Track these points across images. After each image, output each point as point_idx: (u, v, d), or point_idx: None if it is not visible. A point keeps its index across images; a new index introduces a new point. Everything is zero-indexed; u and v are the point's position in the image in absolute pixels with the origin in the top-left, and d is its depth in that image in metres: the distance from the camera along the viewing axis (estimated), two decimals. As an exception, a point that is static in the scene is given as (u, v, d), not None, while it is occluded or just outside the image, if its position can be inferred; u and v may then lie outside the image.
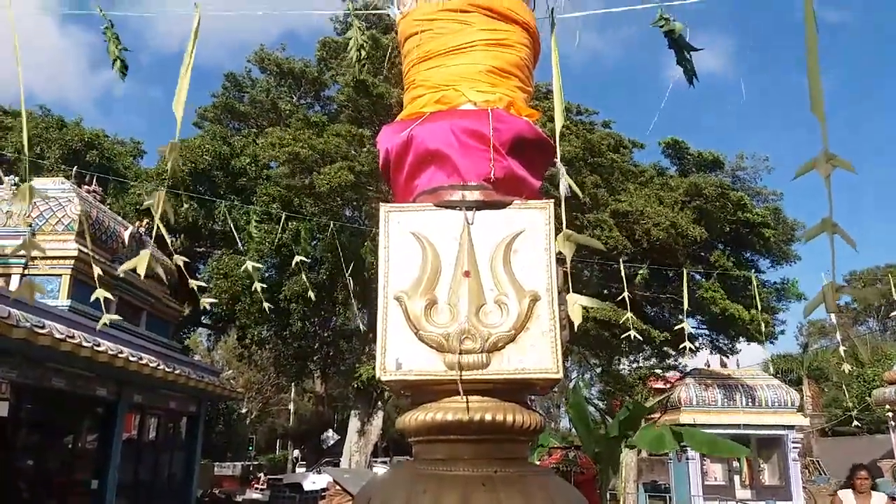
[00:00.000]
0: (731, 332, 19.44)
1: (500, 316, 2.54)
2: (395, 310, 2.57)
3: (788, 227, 20.20)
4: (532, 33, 2.96)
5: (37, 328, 8.73)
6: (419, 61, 2.92)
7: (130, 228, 12.81)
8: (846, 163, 2.66)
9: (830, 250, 2.69)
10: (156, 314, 14.04)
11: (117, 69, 4.09)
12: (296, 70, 21.15)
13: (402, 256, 2.66)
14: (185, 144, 18.28)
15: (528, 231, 2.68)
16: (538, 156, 2.92)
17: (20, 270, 10.94)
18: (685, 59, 3.08)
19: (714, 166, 19.91)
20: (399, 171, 2.90)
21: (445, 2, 2.88)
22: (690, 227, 16.77)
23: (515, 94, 2.88)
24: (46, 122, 19.15)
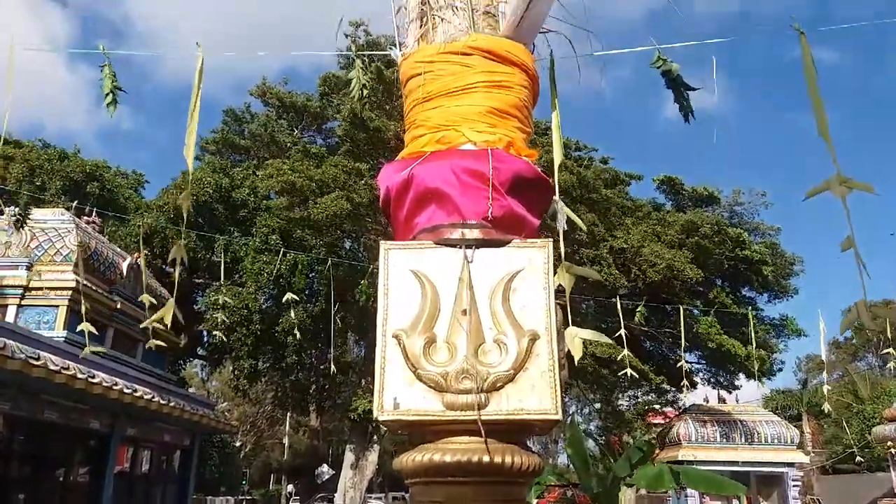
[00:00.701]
0: (729, 368, 19.37)
1: (499, 355, 2.54)
2: (393, 348, 2.57)
3: (787, 262, 20.25)
4: (531, 75, 3.01)
5: (32, 359, 8.68)
6: (420, 102, 2.96)
7: (128, 259, 12.82)
8: (864, 185, 2.66)
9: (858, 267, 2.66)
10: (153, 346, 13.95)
11: (108, 104, 4.14)
12: (298, 104, 21.38)
13: (402, 294, 2.67)
14: (186, 176, 18.37)
15: (528, 270, 2.69)
16: (537, 195, 2.95)
17: (17, 301, 10.92)
18: (683, 98, 3.13)
19: (709, 201, 20.03)
20: (399, 208, 2.92)
21: (446, 44, 2.93)
22: (688, 268, 16.82)
23: (515, 134, 2.92)
24: (48, 154, 19.25)
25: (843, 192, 2.17)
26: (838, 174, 2.19)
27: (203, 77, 3.66)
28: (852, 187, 2.19)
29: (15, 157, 18.84)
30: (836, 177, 2.20)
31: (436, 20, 3.02)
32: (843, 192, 2.17)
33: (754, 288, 19.74)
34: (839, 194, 2.19)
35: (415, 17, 3.11)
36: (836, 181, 2.19)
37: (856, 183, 2.21)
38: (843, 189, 2.15)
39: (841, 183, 2.17)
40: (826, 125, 2.43)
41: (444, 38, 2.97)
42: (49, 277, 11.03)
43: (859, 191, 2.26)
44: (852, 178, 2.21)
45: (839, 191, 2.17)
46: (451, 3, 2.97)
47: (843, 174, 2.20)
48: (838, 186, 2.17)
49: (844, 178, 2.17)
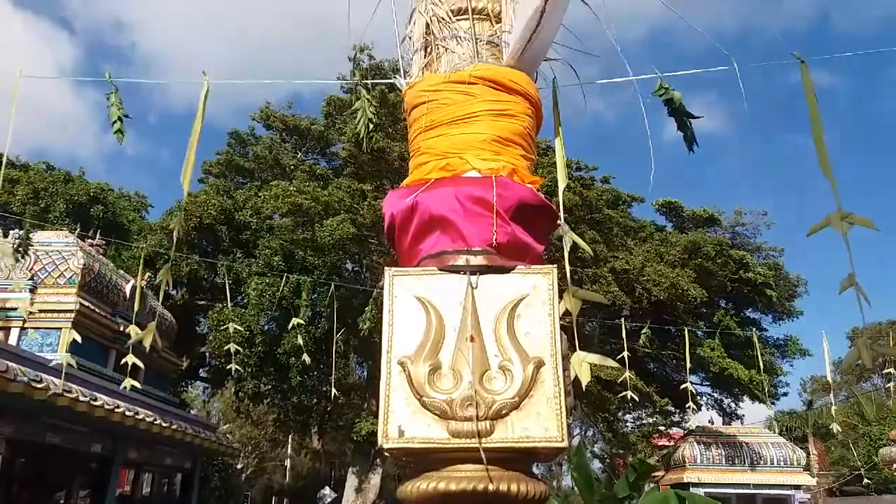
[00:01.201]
0: (733, 391, 19.27)
1: (504, 382, 2.54)
2: (397, 375, 2.57)
3: (790, 284, 20.21)
4: (534, 103, 3.05)
5: (34, 382, 8.67)
6: (425, 130, 3.00)
7: (132, 282, 12.85)
8: (865, 219, 2.68)
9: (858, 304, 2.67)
10: (154, 368, 13.94)
11: (115, 131, 4.18)
12: (301, 127, 21.50)
13: (406, 320, 2.68)
14: (190, 199, 18.46)
15: (532, 296, 2.70)
16: (541, 221, 2.97)
17: (20, 324, 10.93)
18: (685, 126, 3.15)
19: (710, 223, 20.04)
20: (404, 235, 2.94)
21: (450, 74, 2.97)
22: (691, 288, 16.80)
23: (519, 161, 2.95)
24: (53, 177, 19.37)
25: (845, 228, 2.18)
26: (839, 209, 2.20)
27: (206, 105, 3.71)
28: (853, 222, 2.20)
29: (20, 181, 18.96)
30: (836, 213, 2.21)
31: (440, 50, 3.06)
32: (845, 228, 2.18)
33: (758, 309, 19.69)
34: (840, 230, 2.20)
35: (419, 46, 3.16)
36: (837, 217, 2.20)
37: (856, 218, 2.22)
38: (844, 225, 2.16)
39: (842, 218, 2.18)
40: (827, 159, 2.45)
41: (449, 68, 3.01)
42: (52, 300, 11.04)
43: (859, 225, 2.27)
44: (852, 214, 2.23)
45: (840, 226, 2.19)
46: (455, 34, 3.01)
47: (844, 209, 2.21)
48: (839, 222, 2.19)
49: (845, 213, 2.19)
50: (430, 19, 3.08)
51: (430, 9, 3.07)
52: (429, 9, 3.08)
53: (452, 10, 3.04)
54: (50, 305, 10.98)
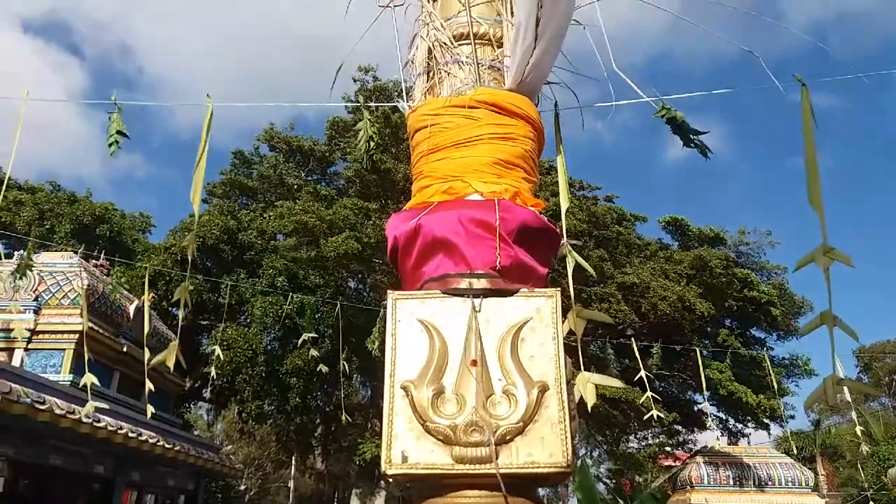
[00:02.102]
0: (738, 413, 19.14)
1: (508, 407, 2.52)
2: (401, 400, 2.56)
3: (795, 304, 20.12)
4: (536, 126, 3.05)
5: (37, 404, 8.64)
6: (427, 153, 3.00)
7: (135, 302, 12.85)
8: (845, 256, 2.69)
9: (830, 345, 2.69)
10: (157, 388, 13.89)
11: (109, 144, 4.22)
12: (304, 147, 21.60)
13: (410, 344, 2.67)
14: (194, 219, 18.51)
15: (536, 319, 2.69)
16: (544, 244, 2.96)
17: (24, 345, 10.92)
18: (693, 141, 3.15)
19: (716, 242, 20.00)
20: (407, 258, 2.94)
21: (452, 98, 2.98)
22: (698, 302, 16.74)
23: (521, 184, 2.95)
24: (58, 198, 19.45)
25: (826, 263, 2.19)
26: (824, 244, 2.21)
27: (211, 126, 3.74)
28: (834, 258, 2.21)
29: (25, 202, 19.04)
30: (821, 247, 2.22)
31: (442, 74, 3.08)
32: (826, 263, 2.19)
33: (763, 328, 19.60)
34: (822, 265, 2.21)
35: (422, 70, 3.18)
36: (821, 251, 2.21)
37: (837, 254, 2.23)
38: (826, 260, 2.17)
39: (825, 253, 2.19)
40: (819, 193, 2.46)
41: (451, 92, 3.03)
42: (56, 321, 11.03)
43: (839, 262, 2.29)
44: (835, 249, 2.24)
45: (823, 261, 2.20)
46: (457, 58, 3.04)
47: (829, 244, 2.22)
48: (822, 257, 2.20)
49: (829, 247, 2.20)
50: (432, 44, 3.10)
51: (433, 34, 3.09)
52: (431, 34, 3.10)
53: (454, 36, 3.07)
54: (53, 326, 10.97)
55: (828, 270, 2.54)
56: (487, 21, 3.09)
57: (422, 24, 3.22)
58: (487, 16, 3.11)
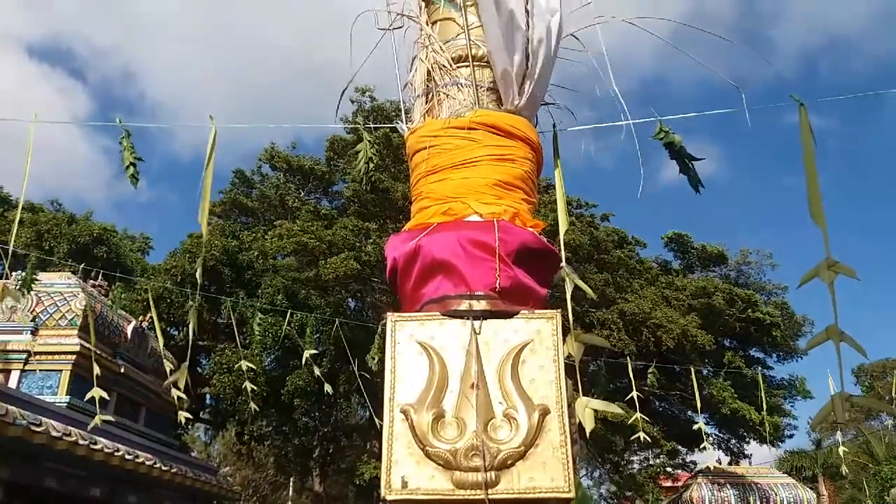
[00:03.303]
0: (740, 432, 19.02)
1: (509, 431, 2.50)
2: (400, 424, 2.53)
3: (796, 324, 20.11)
4: (534, 147, 3.06)
5: (33, 426, 8.57)
6: (427, 174, 3.01)
7: (133, 323, 12.81)
8: (849, 269, 2.68)
9: (837, 360, 2.67)
10: (155, 410, 13.80)
11: (130, 176, 4.21)
12: (305, 167, 21.67)
13: (409, 367, 2.64)
14: (195, 241, 18.55)
15: (536, 342, 2.67)
16: (544, 265, 2.96)
17: (20, 366, 10.86)
18: (688, 168, 3.16)
19: (718, 261, 20.03)
20: (406, 279, 2.93)
21: (451, 119, 2.99)
22: (700, 334, 16.73)
23: (520, 205, 2.95)
24: (57, 218, 19.46)
25: (831, 277, 2.19)
26: (827, 258, 2.21)
27: (215, 148, 3.75)
28: (838, 272, 2.21)
29: (25, 220, 19.04)
30: (825, 261, 2.21)
31: (441, 96, 3.09)
32: (831, 277, 2.19)
33: (763, 349, 19.57)
34: (827, 280, 2.21)
35: (421, 92, 3.19)
36: (825, 266, 2.21)
37: (841, 267, 2.23)
38: (831, 274, 2.17)
39: (829, 267, 2.19)
40: (821, 208, 2.46)
41: (450, 113, 3.04)
42: (53, 342, 10.98)
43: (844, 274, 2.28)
44: (839, 263, 2.23)
45: (827, 276, 2.19)
46: (456, 80, 3.05)
47: (833, 257, 2.22)
48: (826, 271, 2.19)
49: (833, 261, 2.19)
50: (431, 66, 3.12)
51: (432, 56, 3.11)
52: (430, 56, 3.12)
53: (453, 58, 3.08)
54: (51, 347, 10.92)
55: (832, 284, 2.53)
56: (486, 43, 3.10)
57: (421, 46, 3.24)
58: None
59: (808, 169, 2.87)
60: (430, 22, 3.25)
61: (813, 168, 2.86)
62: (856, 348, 2.60)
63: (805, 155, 2.89)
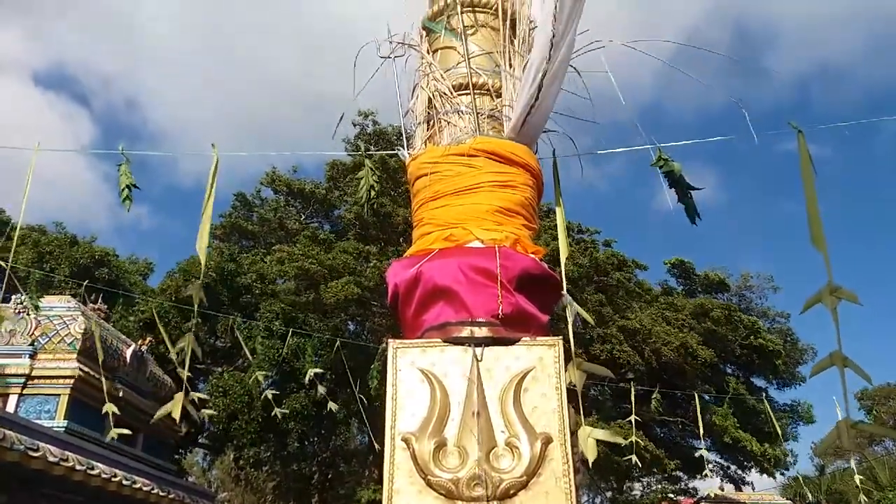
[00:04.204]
0: (741, 460, 18.87)
1: (511, 460, 2.47)
2: (401, 453, 2.51)
3: (799, 352, 20.02)
4: (534, 174, 3.08)
5: (30, 450, 8.49)
6: (428, 200, 3.02)
7: (132, 346, 12.76)
8: (851, 294, 2.67)
9: (842, 386, 2.66)
10: (153, 434, 13.69)
11: (123, 199, 4.24)
12: (305, 190, 21.74)
13: (411, 395, 2.63)
14: (192, 262, 18.53)
15: (538, 369, 2.65)
16: (545, 291, 2.95)
17: (18, 390, 10.80)
18: (686, 198, 3.16)
19: (720, 288, 20.01)
20: (408, 306, 2.92)
21: (452, 146, 3.01)
22: (700, 349, 16.66)
23: (521, 231, 2.95)
24: (59, 240, 19.46)
25: (833, 303, 2.19)
26: (829, 284, 2.20)
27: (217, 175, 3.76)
28: (841, 297, 2.21)
29: (26, 242, 19.03)
30: (827, 287, 2.21)
31: (442, 123, 3.12)
32: (833, 303, 2.19)
33: (765, 377, 19.48)
34: (829, 305, 2.20)
35: (422, 119, 3.21)
36: (827, 291, 2.21)
37: (844, 292, 2.23)
38: (833, 299, 2.17)
39: (832, 293, 2.19)
40: (822, 235, 2.46)
41: (451, 140, 3.06)
42: (52, 366, 10.92)
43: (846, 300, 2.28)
44: (842, 288, 2.24)
45: (830, 301, 2.19)
46: (457, 108, 3.07)
47: (835, 283, 2.22)
48: (829, 297, 2.19)
49: (835, 287, 2.19)
50: (432, 94, 3.15)
51: (433, 84, 3.14)
52: (431, 84, 3.15)
53: (454, 86, 3.11)
54: (49, 371, 10.86)
55: (835, 310, 2.53)
56: (486, 72, 3.14)
57: (422, 74, 3.27)
58: (486, 67, 3.16)
59: (808, 196, 2.88)
60: (430, 50, 3.28)
61: (813, 195, 2.87)
62: (860, 374, 2.59)
63: (805, 182, 2.90)
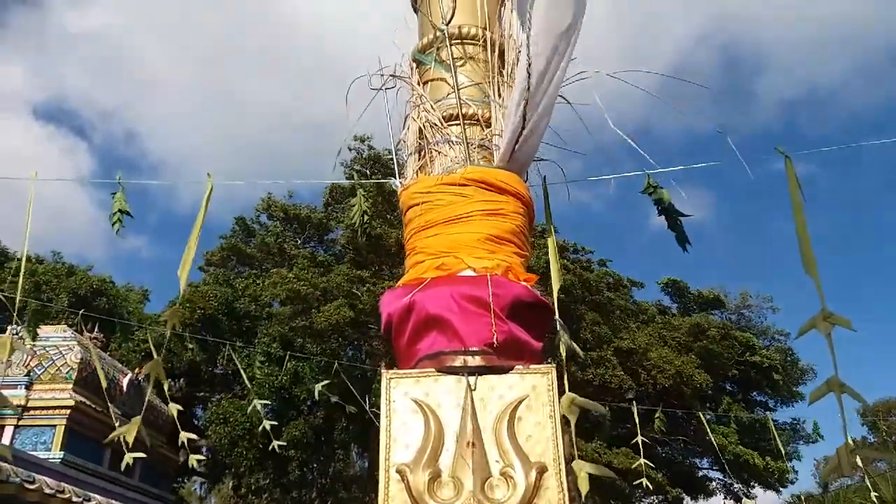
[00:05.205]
0: (744, 476, 18.75)
1: (506, 490, 2.47)
2: (396, 484, 2.50)
3: (799, 371, 20.01)
4: (525, 202, 3.11)
5: (27, 483, 8.44)
6: (420, 230, 3.04)
7: (129, 375, 12.72)
8: (845, 320, 2.69)
9: (840, 413, 2.66)
10: (151, 464, 13.60)
11: (113, 223, 4.27)
12: (301, 215, 21.84)
13: (405, 426, 2.63)
14: (194, 291, 18.57)
15: (532, 397, 2.66)
16: (538, 318, 2.97)
17: (14, 421, 10.74)
18: (676, 225, 3.19)
19: (715, 305, 20.02)
20: (401, 335, 2.93)
21: (443, 176, 3.04)
22: (696, 374, 16.65)
23: (512, 259, 2.97)
24: (56, 270, 19.48)
25: (827, 329, 2.20)
26: (823, 310, 2.22)
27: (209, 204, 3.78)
28: (834, 323, 2.22)
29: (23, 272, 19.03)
30: (820, 314, 2.23)
31: (433, 153, 3.15)
32: (827, 329, 2.20)
33: (765, 393, 19.42)
34: (823, 331, 2.22)
35: (413, 150, 3.25)
36: (821, 317, 2.22)
37: (837, 318, 2.25)
38: (827, 325, 2.18)
39: (825, 318, 2.20)
40: (813, 261, 2.48)
41: (442, 170, 3.09)
42: (48, 396, 10.89)
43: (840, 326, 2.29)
44: (834, 314, 2.25)
45: (823, 327, 2.21)
46: (447, 138, 3.11)
47: (828, 309, 2.24)
48: (822, 323, 2.21)
49: (828, 313, 2.21)
50: (423, 125, 3.19)
51: (423, 115, 3.18)
52: (421, 115, 3.19)
53: (444, 117, 3.15)
54: (45, 402, 10.82)
55: (829, 336, 2.54)
56: (476, 102, 3.18)
57: (412, 105, 3.32)
58: (476, 97, 3.20)
59: (798, 221, 2.90)
60: (421, 82, 3.33)
61: (802, 220, 2.89)
62: (856, 398, 2.60)
63: (794, 207, 2.92)
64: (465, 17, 3.33)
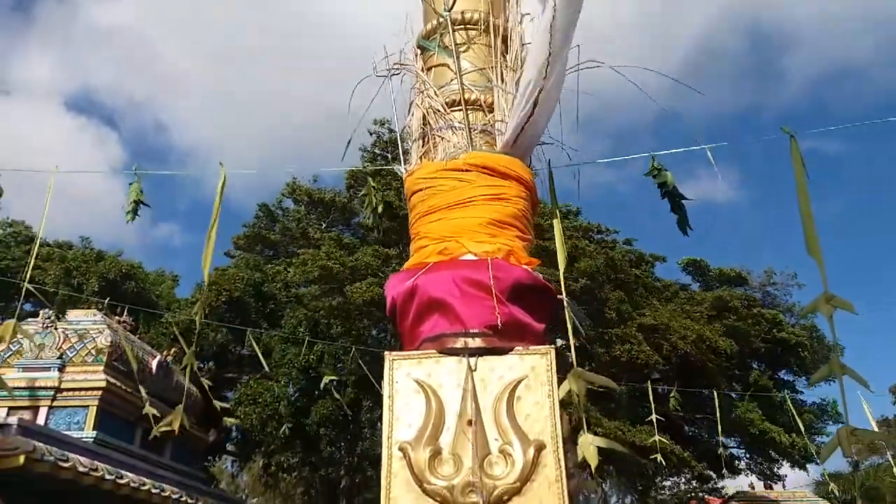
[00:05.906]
0: (770, 454, 18.61)
1: (504, 467, 2.54)
2: (398, 461, 2.59)
3: (826, 348, 19.71)
4: (528, 186, 3.14)
5: (61, 462, 8.72)
6: (423, 215, 3.10)
7: (158, 357, 13.02)
8: (847, 303, 2.70)
9: (841, 395, 2.68)
10: (181, 443, 13.94)
11: (128, 212, 4.41)
12: (326, 199, 22.00)
13: (407, 405, 2.71)
14: (221, 274, 18.89)
15: (531, 377, 2.72)
16: (539, 301, 3.01)
17: (48, 402, 11.08)
18: (678, 209, 3.20)
19: (738, 282, 19.77)
20: (404, 318, 3.01)
21: (446, 162, 3.09)
22: (719, 340, 16.49)
23: (514, 243, 3.02)
24: (85, 255, 19.91)
25: (829, 311, 2.22)
26: (825, 293, 2.23)
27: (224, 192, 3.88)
28: (836, 306, 2.24)
29: (53, 257, 19.49)
30: (823, 296, 2.24)
31: (436, 139, 3.20)
32: (829, 311, 2.22)
33: (792, 371, 19.19)
34: (826, 313, 2.24)
35: (417, 136, 3.30)
36: (823, 299, 2.24)
37: (839, 301, 2.26)
38: (829, 308, 2.20)
39: (827, 301, 2.22)
40: (816, 242, 2.49)
41: (445, 156, 3.14)
42: (80, 378, 11.19)
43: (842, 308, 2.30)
44: (836, 297, 2.26)
45: (826, 309, 2.23)
46: (450, 124, 3.15)
47: (830, 292, 2.25)
48: (825, 305, 2.22)
49: (830, 295, 2.22)
50: (426, 111, 3.23)
51: (427, 102, 3.22)
52: (425, 102, 3.23)
53: (447, 103, 3.19)
54: (78, 384, 11.13)
55: (832, 318, 2.56)
56: (479, 88, 3.21)
57: (417, 91, 3.36)
58: (478, 83, 3.23)
59: (802, 202, 2.89)
60: (424, 68, 3.37)
61: (807, 203, 2.89)
62: (858, 381, 2.61)
63: (798, 188, 2.91)
64: (468, 2, 3.35)
